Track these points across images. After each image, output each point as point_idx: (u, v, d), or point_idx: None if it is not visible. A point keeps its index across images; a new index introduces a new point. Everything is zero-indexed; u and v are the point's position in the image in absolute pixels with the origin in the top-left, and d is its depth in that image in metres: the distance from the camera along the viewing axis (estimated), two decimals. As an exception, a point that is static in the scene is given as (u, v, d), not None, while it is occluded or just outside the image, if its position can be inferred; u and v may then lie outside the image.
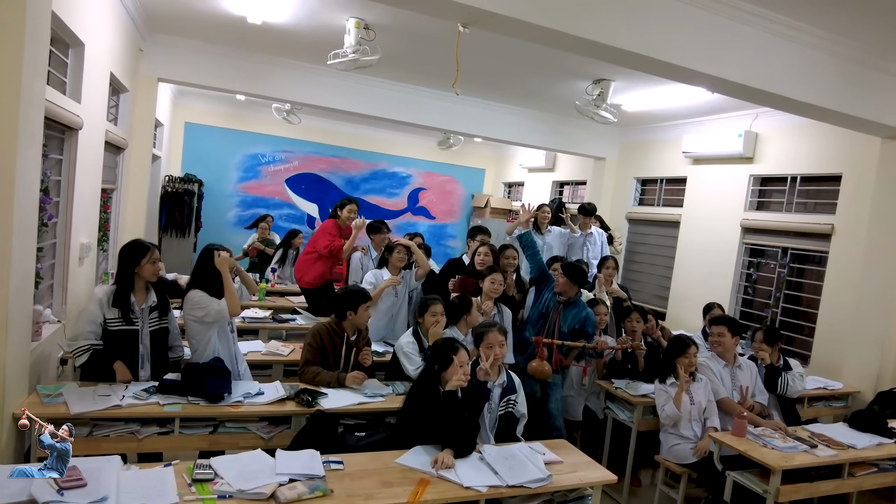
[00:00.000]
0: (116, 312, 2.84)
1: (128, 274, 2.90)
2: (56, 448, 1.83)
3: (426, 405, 2.52)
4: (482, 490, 2.19)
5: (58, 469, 1.82)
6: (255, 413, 2.76)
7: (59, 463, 1.83)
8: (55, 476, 1.82)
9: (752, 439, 3.10)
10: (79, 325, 2.83)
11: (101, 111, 4.05)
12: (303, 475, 2.09)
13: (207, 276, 3.06)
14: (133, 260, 2.89)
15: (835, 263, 4.82)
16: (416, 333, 3.36)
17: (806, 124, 5.04)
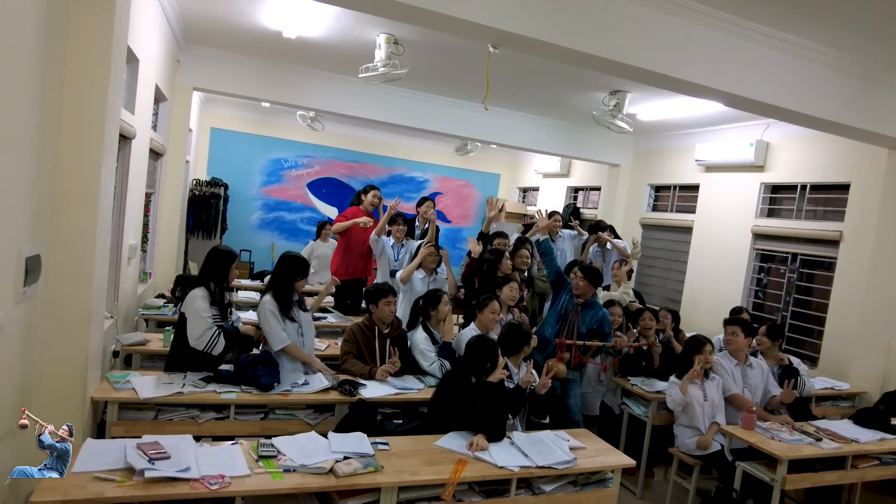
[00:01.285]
0: (216, 310, 3.08)
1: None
2: (56, 448, 1.87)
3: (465, 395, 2.75)
4: (515, 469, 2.42)
5: (58, 469, 1.86)
6: (302, 401, 3.00)
7: (59, 463, 1.88)
8: (55, 475, 1.83)
9: (761, 432, 3.31)
10: (201, 322, 3.01)
11: (147, 120, 4.33)
12: (355, 453, 2.32)
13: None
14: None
15: (843, 269, 5.01)
16: (427, 328, 3.59)
17: (815, 135, 5.23)
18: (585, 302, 3.98)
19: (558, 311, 4.06)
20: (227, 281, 3.21)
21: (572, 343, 3.81)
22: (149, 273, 5.34)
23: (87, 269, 2.47)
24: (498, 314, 3.67)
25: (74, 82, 2.37)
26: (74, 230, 2.43)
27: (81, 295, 2.48)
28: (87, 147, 2.42)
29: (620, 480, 3.96)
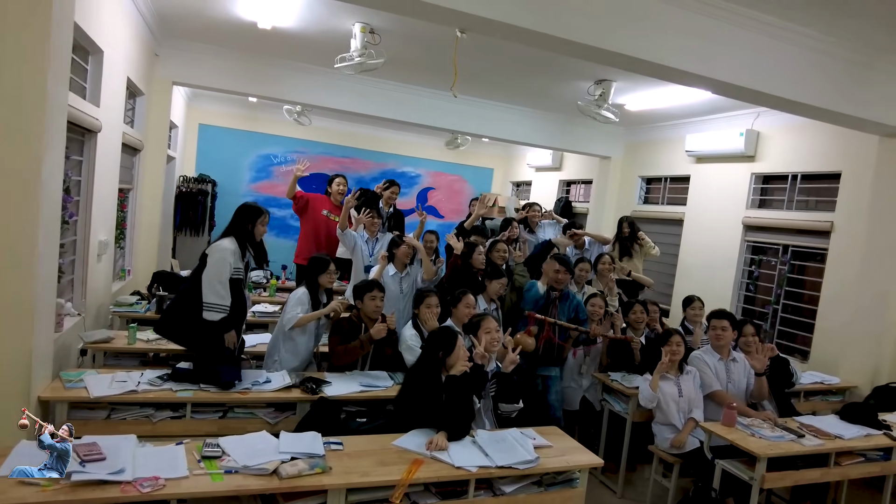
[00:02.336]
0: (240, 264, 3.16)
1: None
2: (56, 448, 1.89)
3: (425, 390, 2.66)
4: (472, 470, 2.32)
5: (58, 469, 1.88)
6: (263, 399, 2.92)
7: (59, 463, 1.90)
8: (55, 475, 1.86)
9: (742, 429, 3.20)
10: (222, 268, 3.06)
11: (118, 114, 4.24)
12: (304, 454, 2.23)
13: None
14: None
15: (834, 260, 4.88)
16: (417, 325, 3.49)
17: (806, 123, 5.10)
18: (561, 293, 3.90)
19: (536, 307, 3.93)
20: (252, 236, 3.21)
21: (543, 319, 3.71)
22: (128, 270, 5.27)
23: (29, 266, 2.38)
24: (473, 308, 3.56)
25: (12, 72, 2.28)
26: (14, 225, 2.34)
27: (24, 292, 2.39)
28: (27, 139, 2.33)
29: (601, 479, 3.97)
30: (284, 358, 3.45)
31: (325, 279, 3.50)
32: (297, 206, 5.12)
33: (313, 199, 5.18)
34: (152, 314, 4.25)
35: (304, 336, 3.47)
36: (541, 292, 3.93)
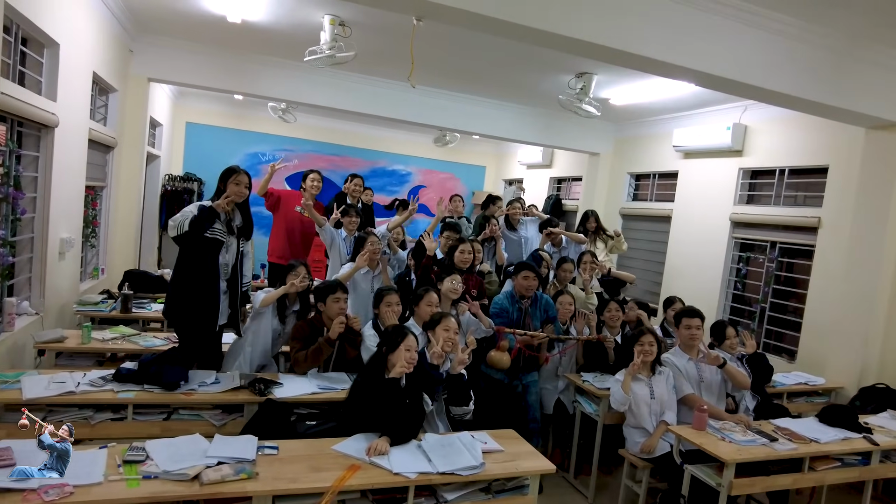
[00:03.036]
0: (221, 226, 3.16)
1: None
2: (56, 448, 1.89)
3: (370, 392, 2.55)
4: (411, 476, 2.21)
5: (58, 469, 1.87)
6: (208, 401, 2.82)
7: (59, 463, 1.89)
8: (55, 476, 1.87)
9: (712, 433, 3.06)
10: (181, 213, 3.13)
11: (81, 110, 4.16)
12: (232, 458, 2.13)
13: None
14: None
15: (821, 257, 4.73)
16: (377, 325, 3.38)
17: (794, 116, 4.94)
18: (531, 298, 3.78)
19: (509, 323, 3.78)
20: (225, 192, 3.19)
21: (512, 332, 3.59)
22: (101, 269, 5.20)
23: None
24: (435, 306, 3.44)
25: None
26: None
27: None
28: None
29: (574, 484, 3.85)
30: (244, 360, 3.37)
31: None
32: (269, 202, 5.03)
33: (286, 196, 5.08)
34: (117, 313, 4.18)
35: (261, 336, 3.38)
36: (506, 305, 3.79)
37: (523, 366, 3.76)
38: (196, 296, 3.17)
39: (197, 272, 3.17)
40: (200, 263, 3.17)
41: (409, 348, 2.61)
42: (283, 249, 4.96)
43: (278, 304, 3.41)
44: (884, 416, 3.63)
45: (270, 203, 5.03)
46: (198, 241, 3.10)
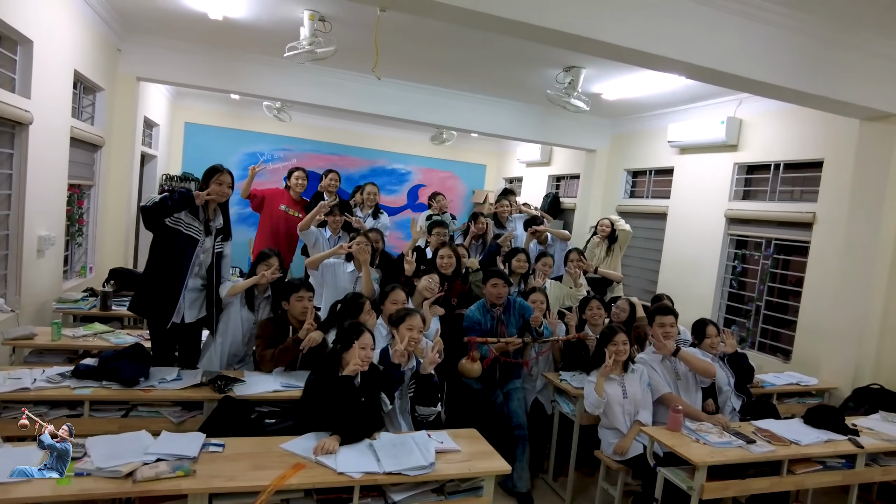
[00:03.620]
0: (198, 224, 3.19)
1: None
2: (56, 448, 1.89)
3: (323, 390, 2.50)
4: (354, 476, 2.15)
5: (58, 469, 1.87)
6: (167, 398, 2.79)
7: (59, 463, 1.89)
8: (55, 476, 1.87)
9: (687, 434, 2.96)
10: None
11: (61, 107, 4.16)
12: (172, 455, 2.09)
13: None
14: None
15: (816, 254, 4.58)
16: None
17: (789, 109, 4.82)
18: (503, 305, 3.70)
19: (483, 334, 3.67)
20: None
21: (484, 341, 3.51)
22: (89, 267, 5.22)
23: None
24: (401, 304, 3.37)
25: None
26: None
27: None
28: None
29: (552, 486, 3.76)
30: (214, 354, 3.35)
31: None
32: (254, 203, 5.02)
33: (270, 195, 5.06)
34: (96, 311, 4.18)
35: (230, 328, 3.36)
36: (478, 317, 3.71)
37: (502, 374, 3.69)
38: (156, 289, 3.18)
39: (162, 265, 3.19)
40: (168, 257, 3.18)
41: (364, 346, 2.55)
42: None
43: (247, 294, 3.37)
44: (874, 418, 3.49)
45: (255, 204, 5.02)
46: (161, 226, 3.13)
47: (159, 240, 3.22)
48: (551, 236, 5.28)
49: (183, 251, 3.19)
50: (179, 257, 3.19)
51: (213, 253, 3.33)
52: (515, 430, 3.52)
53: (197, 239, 3.23)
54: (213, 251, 3.33)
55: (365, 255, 3.96)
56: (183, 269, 3.20)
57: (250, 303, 3.38)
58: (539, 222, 5.28)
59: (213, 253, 3.33)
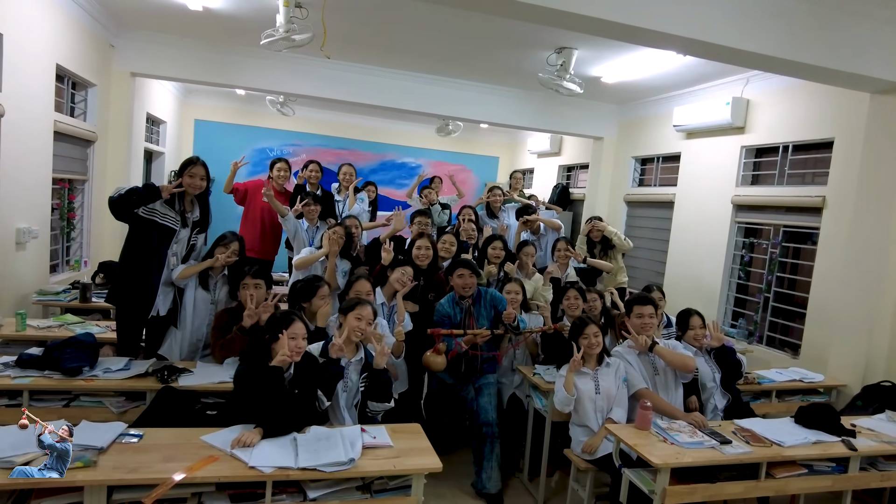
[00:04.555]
0: (174, 214, 3.18)
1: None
2: (56, 448, 1.87)
3: (251, 380, 2.39)
4: (265, 471, 2.03)
5: (58, 469, 1.86)
6: (110, 388, 2.74)
7: (59, 463, 1.87)
8: (55, 476, 1.85)
9: (657, 433, 2.74)
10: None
11: (41, 101, 4.18)
12: (79, 446, 2.01)
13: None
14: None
15: (826, 240, 4.24)
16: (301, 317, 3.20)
17: (797, 87, 4.50)
18: (473, 297, 3.52)
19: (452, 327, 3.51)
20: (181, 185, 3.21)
21: (449, 333, 3.34)
22: (84, 261, 5.29)
23: None
24: (366, 295, 3.25)
25: None
26: None
27: None
28: None
29: (527, 486, 3.57)
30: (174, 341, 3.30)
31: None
32: (237, 197, 4.98)
33: (252, 188, 5.01)
34: (77, 303, 4.20)
35: (188, 312, 3.31)
36: (448, 310, 3.54)
37: (468, 368, 3.52)
38: (134, 280, 3.16)
39: (137, 256, 3.17)
40: (144, 248, 3.16)
41: (293, 336, 2.43)
42: (254, 241, 4.88)
43: (201, 274, 3.31)
44: (879, 418, 3.18)
45: (238, 197, 4.99)
46: (134, 218, 3.11)
47: (134, 231, 3.19)
48: (543, 226, 5.07)
49: (159, 242, 3.18)
50: (155, 248, 3.17)
51: (187, 245, 3.31)
52: (483, 428, 3.35)
53: (173, 229, 3.21)
54: (188, 243, 3.31)
55: (335, 245, 3.86)
56: (159, 261, 3.18)
57: (204, 283, 3.32)
58: (531, 212, 5.07)
59: (187, 245, 3.31)
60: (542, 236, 5.05)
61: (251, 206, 4.96)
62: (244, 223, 5.02)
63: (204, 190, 3.34)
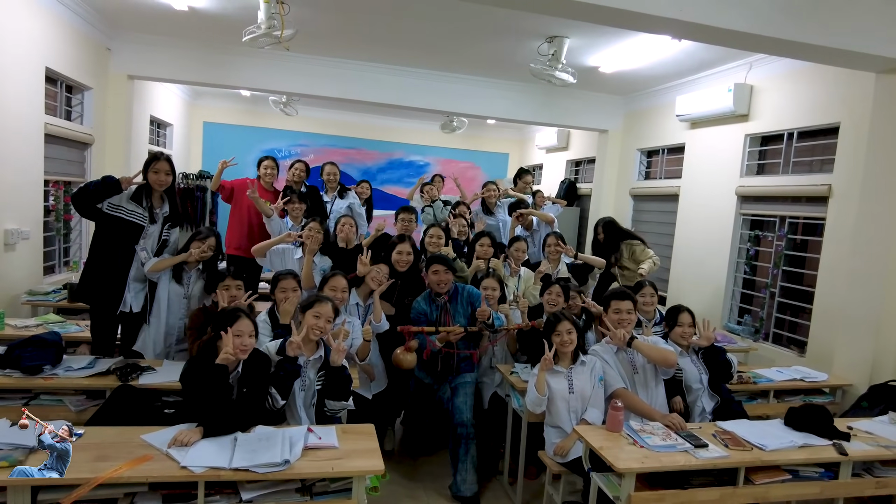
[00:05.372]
0: (141, 209, 3.22)
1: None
2: (56, 448, 1.89)
3: (196, 378, 2.33)
4: (197, 471, 1.97)
5: (58, 469, 1.87)
6: (69, 386, 2.73)
7: (59, 463, 1.89)
8: (55, 476, 1.87)
9: (629, 434, 2.58)
10: None
11: (29, 104, 4.23)
12: (8, 444, 1.98)
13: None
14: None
15: (832, 232, 4.00)
16: (272, 311, 3.16)
17: (801, 70, 4.27)
18: (449, 294, 3.41)
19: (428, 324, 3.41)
20: (149, 185, 3.25)
21: (420, 330, 3.24)
22: (83, 262, 5.35)
23: None
24: (341, 292, 3.18)
25: None
26: None
27: None
28: None
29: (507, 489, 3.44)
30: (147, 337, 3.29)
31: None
32: (224, 195, 4.97)
33: (239, 186, 4.99)
34: (65, 303, 4.24)
35: (162, 306, 3.31)
36: (424, 307, 3.44)
37: (444, 367, 3.41)
38: (101, 276, 3.19)
39: (104, 253, 3.22)
40: (111, 244, 3.20)
41: (238, 333, 2.36)
42: (241, 240, 4.87)
43: (175, 268, 3.31)
44: (881, 420, 2.96)
45: (225, 195, 4.97)
46: (98, 213, 3.14)
47: (100, 227, 3.25)
48: (537, 221, 4.92)
49: (126, 238, 3.21)
50: (123, 244, 3.21)
51: (159, 240, 3.31)
52: (458, 428, 3.24)
53: (141, 225, 3.24)
54: (159, 238, 3.32)
55: (314, 243, 3.79)
56: (128, 257, 3.22)
57: (178, 277, 3.30)
58: (524, 206, 4.93)
59: (159, 240, 3.31)
60: (536, 231, 4.90)
61: (238, 204, 4.94)
62: (231, 222, 5.01)
63: (171, 185, 3.32)
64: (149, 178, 3.26)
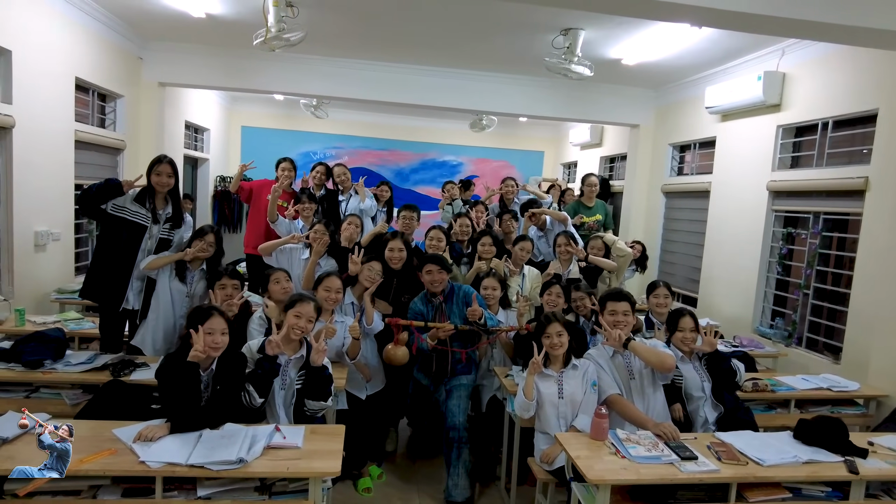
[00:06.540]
0: (145, 211, 3.33)
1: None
2: (56, 448, 1.92)
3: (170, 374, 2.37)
4: (153, 466, 1.99)
5: (58, 469, 1.90)
6: (67, 380, 2.84)
7: (59, 463, 1.92)
8: (55, 476, 1.90)
9: (614, 443, 2.44)
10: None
11: (59, 112, 4.46)
12: (-19, 435, 2.07)
13: None
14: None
15: (869, 228, 3.67)
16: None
17: (835, 55, 3.97)
18: (445, 294, 3.34)
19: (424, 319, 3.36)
20: (151, 187, 3.34)
21: (409, 324, 3.19)
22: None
23: None
24: (335, 292, 3.17)
25: None
26: None
27: None
28: None
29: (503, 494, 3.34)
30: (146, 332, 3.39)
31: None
32: (243, 195, 5.07)
33: (258, 188, 5.08)
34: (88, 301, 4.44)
35: (161, 303, 3.37)
36: (420, 307, 3.38)
37: (440, 367, 3.34)
38: (105, 275, 3.31)
39: (108, 252, 3.34)
40: (114, 244, 3.32)
41: (210, 331, 2.39)
42: (259, 239, 4.94)
43: (178, 266, 3.38)
44: (908, 436, 2.67)
45: (244, 196, 5.08)
46: (101, 214, 3.27)
47: (104, 227, 3.37)
48: (550, 220, 4.77)
49: (129, 238, 3.33)
50: (126, 244, 3.33)
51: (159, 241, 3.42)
52: (450, 432, 3.16)
53: (144, 226, 3.34)
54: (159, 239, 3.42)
55: (321, 245, 3.80)
56: (131, 256, 3.32)
57: (181, 274, 3.37)
58: (537, 205, 4.80)
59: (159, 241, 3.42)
60: (549, 231, 4.75)
61: (257, 205, 5.04)
62: (250, 222, 5.11)
63: (174, 187, 3.42)
64: (151, 180, 3.36)
